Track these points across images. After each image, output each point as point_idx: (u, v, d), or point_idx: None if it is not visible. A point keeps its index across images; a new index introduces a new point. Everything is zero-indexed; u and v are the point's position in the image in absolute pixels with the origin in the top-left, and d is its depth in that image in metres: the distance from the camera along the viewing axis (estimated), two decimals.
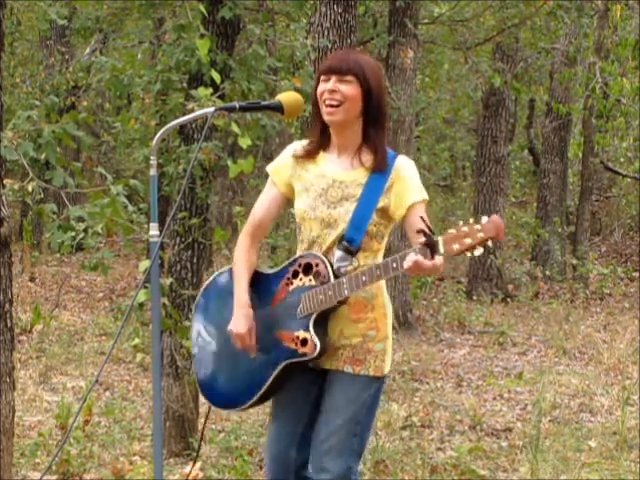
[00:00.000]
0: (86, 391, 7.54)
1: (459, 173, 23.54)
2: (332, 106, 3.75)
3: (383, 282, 3.83)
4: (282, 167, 3.94)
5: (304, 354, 3.74)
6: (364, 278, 3.65)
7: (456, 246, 3.40)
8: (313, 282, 3.75)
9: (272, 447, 3.94)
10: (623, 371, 8.90)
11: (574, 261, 14.61)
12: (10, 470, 4.38)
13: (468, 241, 3.38)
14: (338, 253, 3.76)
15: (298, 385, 3.88)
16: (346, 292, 3.68)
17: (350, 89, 3.77)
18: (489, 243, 3.40)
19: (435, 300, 13.24)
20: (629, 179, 18.38)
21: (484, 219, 3.40)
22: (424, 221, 3.48)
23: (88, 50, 14.06)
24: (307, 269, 3.78)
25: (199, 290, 4.13)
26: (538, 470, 5.88)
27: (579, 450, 6.40)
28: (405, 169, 3.80)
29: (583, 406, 7.74)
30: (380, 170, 3.78)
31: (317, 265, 3.75)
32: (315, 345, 3.71)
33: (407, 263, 3.50)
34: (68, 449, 5.81)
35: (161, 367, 3.96)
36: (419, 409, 7.45)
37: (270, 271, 3.93)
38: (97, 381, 7.87)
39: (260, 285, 3.90)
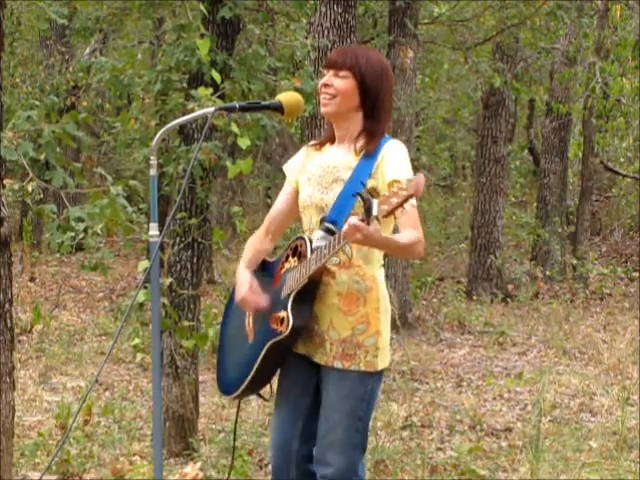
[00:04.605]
0: (86, 391, 7.54)
1: (459, 173, 23.54)
2: (325, 99, 3.82)
3: (380, 276, 3.84)
4: (293, 163, 4.04)
5: (280, 332, 3.74)
6: (325, 250, 3.68)
7: (385, 207, 3.40)
8: (297, 263, 3.81)
9: (275, 438, 3.97)
10: (623, 371, 8.90)
11: (574, 261, 14.60)
12: (10, 470, 4.38)
13: (394, 201, 3.39)
14: (319, 233, 3.80)
15: (296, 376, 3.91)
16: (313, 266, 3.70)
17: (343, 84, 3.81)
18: (412, 201, 3.44)
19: (435, 300, 13.22)
20: (629, 179, 18.36)
21: (409, 177, 3.44)
22: (364, 186, 3.45)
23: (88, 50, 14.06)
24: (295, 251, 3.85)
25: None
26: (538, 470, 5.88)
27: (579, 450, 6.39)
28: (391, 150, 3.80)
29: (583, 406, 7.74)
30: (369, 152, 3.79)
31: (301, 246, 3.82)
32: (288, 322, 3.70)
33: (344, 227, 3.52)
34: (68, 449, 5.81)
35: (161, 367, 3.97)
36: (419, 409, 7.44)
37: (273, 259, 4.03)
38: (97, 381, 7.87)
39: (265, 273, 3.98)
